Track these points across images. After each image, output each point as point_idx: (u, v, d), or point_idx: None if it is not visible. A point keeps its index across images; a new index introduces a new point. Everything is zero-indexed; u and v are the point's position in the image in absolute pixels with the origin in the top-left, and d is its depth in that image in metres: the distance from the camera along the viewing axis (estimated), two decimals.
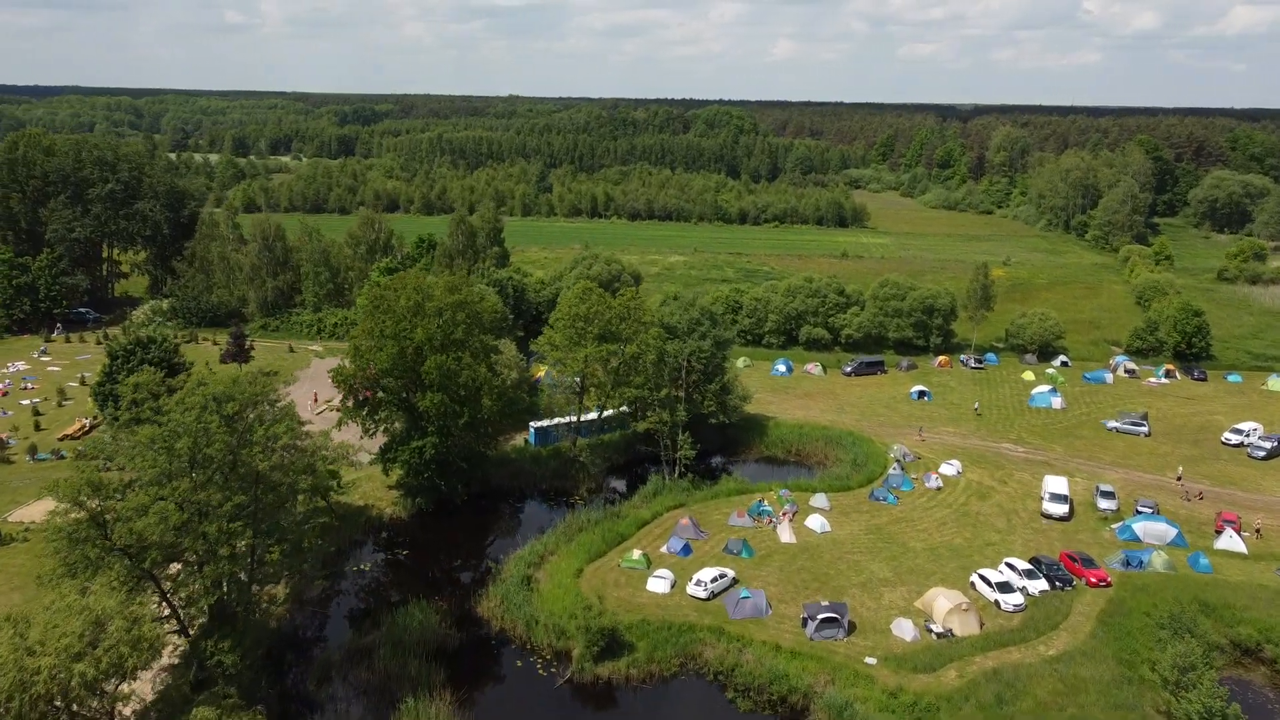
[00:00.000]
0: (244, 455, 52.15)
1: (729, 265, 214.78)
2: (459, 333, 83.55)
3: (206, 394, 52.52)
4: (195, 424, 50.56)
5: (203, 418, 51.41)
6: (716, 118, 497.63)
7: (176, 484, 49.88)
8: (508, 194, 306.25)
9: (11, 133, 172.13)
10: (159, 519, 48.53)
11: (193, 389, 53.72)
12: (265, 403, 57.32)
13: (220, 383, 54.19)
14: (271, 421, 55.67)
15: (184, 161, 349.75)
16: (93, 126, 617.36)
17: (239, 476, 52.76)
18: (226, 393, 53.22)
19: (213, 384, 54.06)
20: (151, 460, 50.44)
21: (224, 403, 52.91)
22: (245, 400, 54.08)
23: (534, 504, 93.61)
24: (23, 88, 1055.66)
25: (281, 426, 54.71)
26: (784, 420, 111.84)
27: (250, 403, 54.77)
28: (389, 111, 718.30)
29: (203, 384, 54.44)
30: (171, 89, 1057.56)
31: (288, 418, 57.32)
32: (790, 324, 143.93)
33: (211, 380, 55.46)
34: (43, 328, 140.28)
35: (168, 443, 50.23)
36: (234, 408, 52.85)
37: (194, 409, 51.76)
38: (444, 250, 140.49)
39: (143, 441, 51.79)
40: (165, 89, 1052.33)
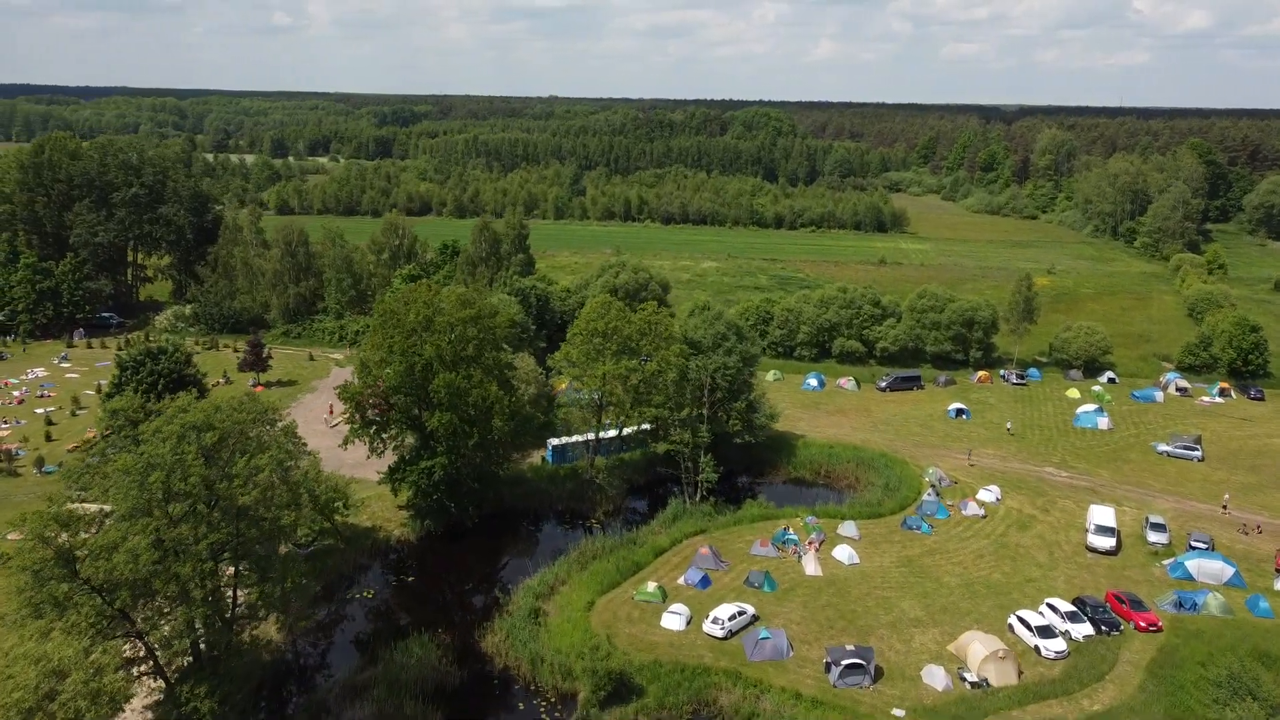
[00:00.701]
0: (222, 489, 48.77)
1: (762, 272, 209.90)
2: (470, 349, 79.95)
3: (184, 423, 49.21)
4: (169, 456, 47.29)
5: (179, 449, 48.13)
6: (755, 119, 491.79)
7: (148, 520, 46.58)
8: (540, 197, 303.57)
9: (39, 136, 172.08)
10: (129, 557, 45.30)
11: (171, 416, 50.45)
12: (254, 428, 53.87)
13: (200, 410, 50.80)
14: (255, 451, 52.14)
15: (220, 163, 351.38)
16: (137, 127, 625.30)
17: (219, 511, 49.43)
18: (207, 421, 49.87)
19: (193, 411, 50.67)
20: (124, 493, 47.28)
21: (203, 432, 49.56)
22: (226, 429, 50.67)
23: (549, 526, 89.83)
24: (74, 88, 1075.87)
25: (264, 458, 51.18)
26: (814, 439, 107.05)
27: (232, 432, 51.30)
28: (427, 113, 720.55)
29: (182, 411, 51.13)
30: (217, 90, 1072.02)
31: (275, 446, 53.78)
32: (823, 336, 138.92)
33: (192, 407, 52.07)
34: (65, 333, 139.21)
35: (140, 476, 46.99)
36: (213, 438, 49.52)
37: (170, 439, 48.49)
38: (466, 258, 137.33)
39: (118, 471, 48.62)
40: (211, 90, 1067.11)
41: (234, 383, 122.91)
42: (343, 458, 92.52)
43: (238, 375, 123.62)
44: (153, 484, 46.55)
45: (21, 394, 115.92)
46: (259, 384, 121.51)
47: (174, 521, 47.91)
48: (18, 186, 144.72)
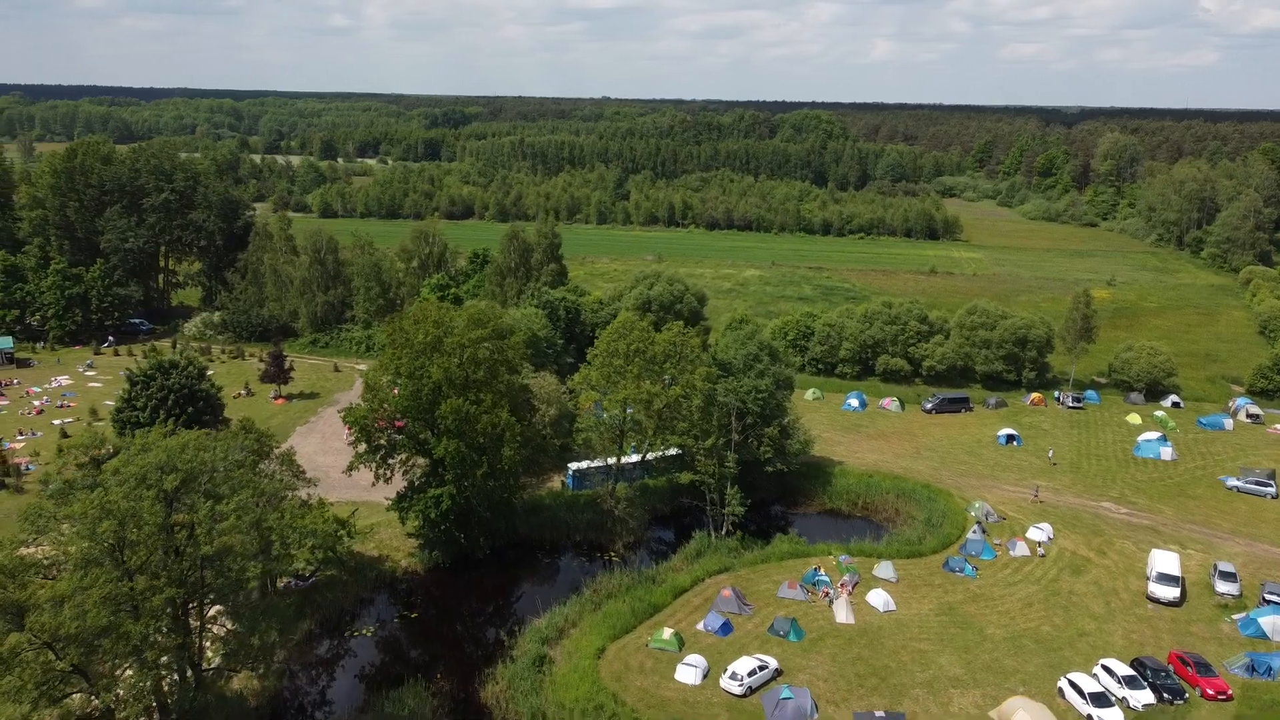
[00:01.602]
0: (180, 539, 44.61)
1: (807, 281, 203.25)
2: (481, 372, 75.37)
3: (144, 464, 45.09)
4: (124, 502, 43.20)
5: (138, 492, 44.04)
6: (804, 122, 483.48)
7: (99, 572, 42.52)
8: (583, 201, 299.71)
9: (73, 140, 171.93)
10: (76, 613, 41.28)
11: (131, 456, 46.38)
12: (226, 467, 49.68)
13: (163, 449, 46.61)
14: (230, 493, 47.88)
15: (267, 165, 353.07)
16: (194, 128, 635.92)
17: (183, 561, 45.26)
18: (170, 462, 45.68)
19: (155, 450, 46.52)
20: (73, 542, 43.33)
21: (166, 473, 45.39)
22: (191, 470, 46.45)
23: (566, 559, 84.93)
24: (137, 89, 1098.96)
25: (232, 503, 46.84)
26: (852, 467, 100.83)
27: (199, 472, 47.09)
28: (477, 114, 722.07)
29: (144, 449, 47.06)
30: (273, 91, 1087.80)
31: (250, 487, 49.49)
32: (866, 353, 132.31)
33: (156, 445, 47.92)
34: (93, 339, 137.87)
35: (91, 524, 42.99)
36: (175, 481, 45.29)
37: (128, 481, 44.42)
38: (496, 268, 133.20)
39: (73, 516, 44.68)
40: (267, 91, 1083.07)
41: (255, 394, 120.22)
42: (356, 478, 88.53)
43: (260, 386, 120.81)
44: (104, 534, 42.52)
45: (42, 403, 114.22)
46: (280, 396, 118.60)
47: (130, 573, 43.83)
48: (50, 191, 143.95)
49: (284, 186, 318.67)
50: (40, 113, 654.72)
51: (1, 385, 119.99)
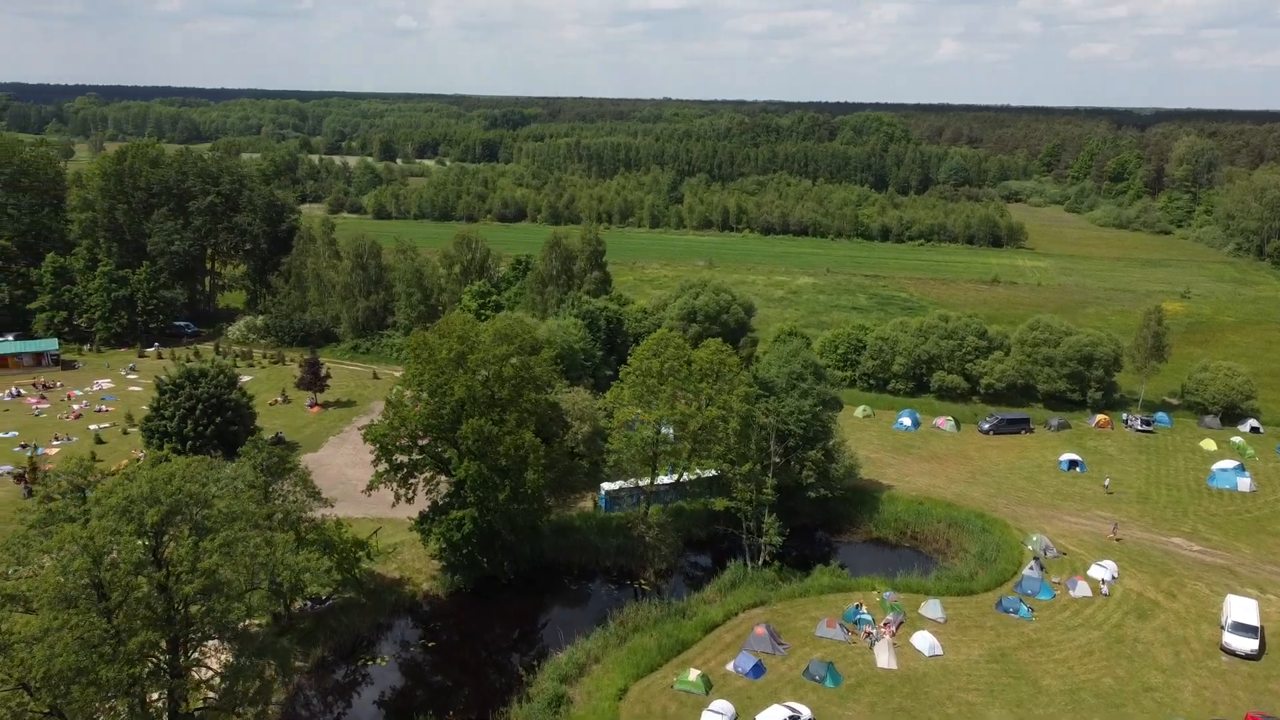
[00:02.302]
0: (159, 578, 41.71)
1: (862, 290, 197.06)
2: (505, 390, 71.96)
3: (126, 495, 42.34)
4: (100, 538, 40.45)
5: (116, 526, 41.28)
6: (865, 124, 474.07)
7: (71, 613, 39.79)
8: (636, 204, 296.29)
9: (122, 143, 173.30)
10: (46, 656, 38.61)
11: (113, 487, 43.69)
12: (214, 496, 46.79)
13: (146, 479, 43.77)
14: (218, 525, 44.96)
15: (325, 166, 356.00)
16: (260, 129, 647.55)
17: (169, 599, 42.40)
18: (153, 493, 42.84)
19: (138, 480, 43.72)
20: (45, 580, 40.70)
21: (149, 506, 42.57)
22: (175, 503, 43.56)
23: (594, 585, 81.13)
24: (207, 90, 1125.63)
25: (217, 540, 43.80)
26: (901, 492, 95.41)
27: (183, 505, 44.19)
28: (536, 115, 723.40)
29: (127, 479, 44.35)
30: (338, 92, 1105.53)
31: (244, 518, 46.52)
32: (921, 369, 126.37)
33: (139, 475, 45.13)
34: (138, 342, 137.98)
35: (64, 561, 40.34)
36: (156, 515, 42.42)
37: (108, 515, 41.68)
38: (536, 275, 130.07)
39: (51, 549, 42.11)
40: (333, 92, 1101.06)
41: (292, 401, 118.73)
42: (383, 493, 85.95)
43: (296, 394, 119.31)
44: (76, 571, 39.85)
45: (81, 408, 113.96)
46: (315, 404, 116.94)
47: (108, 613, 41.09)
48: (100, 193, 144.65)
49: (340, 188, 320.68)
50: (113, 113, 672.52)
51: (44, 387, 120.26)
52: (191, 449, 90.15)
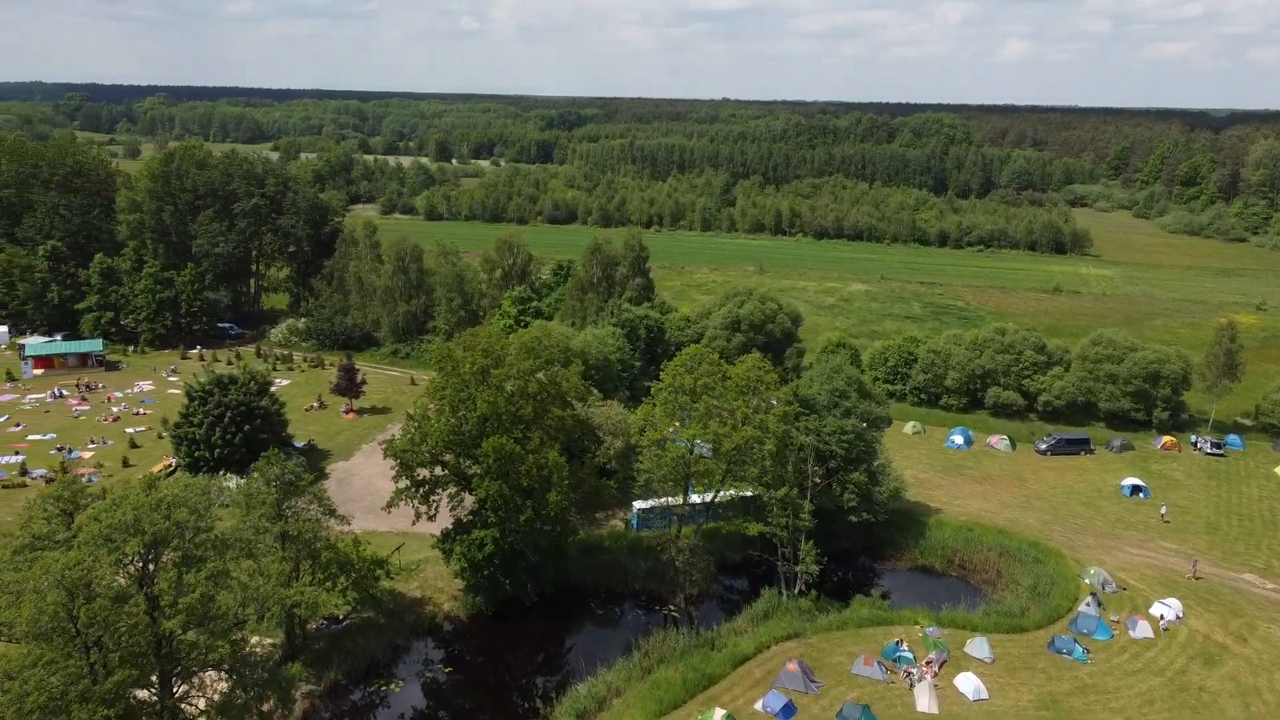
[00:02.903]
0: (138, 614, 39.40)
1: (917, 298, 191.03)
2: (529, 407, 69.05)
3: (110, 524, 40.14)
4: (77, 570, 38.24)
5: (95, 555, 39.08)
6: (925, 125, 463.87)
7: (44, 649, 37.65)
8: (688, 207, 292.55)
9: (172, 144, 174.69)
10: (17, 696, 36.51)
11: (98, 513, 41.54)
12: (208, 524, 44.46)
13: (132, 506, 41.45)
14: (208, 554, 42.61)
15: (379, 166, 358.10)
16: (320, 129, 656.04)
17: (140, 637, 40.13)
18: (137, 521, 40.56)
19: (124, 507, 41.46)
20: (18, 613, 38.62)
21: (131, 535, 40.28)
22: (160, 532, 41.25)
23: (622, 610, 77.68)
24: (273, 90, 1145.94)
25: (204, 571, 41.39)
26: (949, 516, 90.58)
27: (169, 534, 41.88)
28: (593, 116, 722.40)
29: (114, 505, 42.18)
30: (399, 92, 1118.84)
31: (236, 545, 44.12)
32: (975, 384, 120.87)
33: (125, 501, 42.84)
34: (181, 343, 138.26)
35: (40, 593, 38.22)
36: (139, 546, 40.14)
37: (89, 544, 39.52)
38: (577, 282, 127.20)
39: (30, 580, 40.06)
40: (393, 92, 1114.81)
41: (327, 407, 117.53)
42: (405, 509, 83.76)
43: (332, 399, 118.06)
44: (51, 605, 37.70)
45: (119, 410, 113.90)
46: (351, 410, 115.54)
47: (85, 648, 38.92)
48: (148, 194, 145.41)
49: (393, 189, 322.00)
50: (180, 113, 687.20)
51: (87, 388, 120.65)
52: (219, 457, 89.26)
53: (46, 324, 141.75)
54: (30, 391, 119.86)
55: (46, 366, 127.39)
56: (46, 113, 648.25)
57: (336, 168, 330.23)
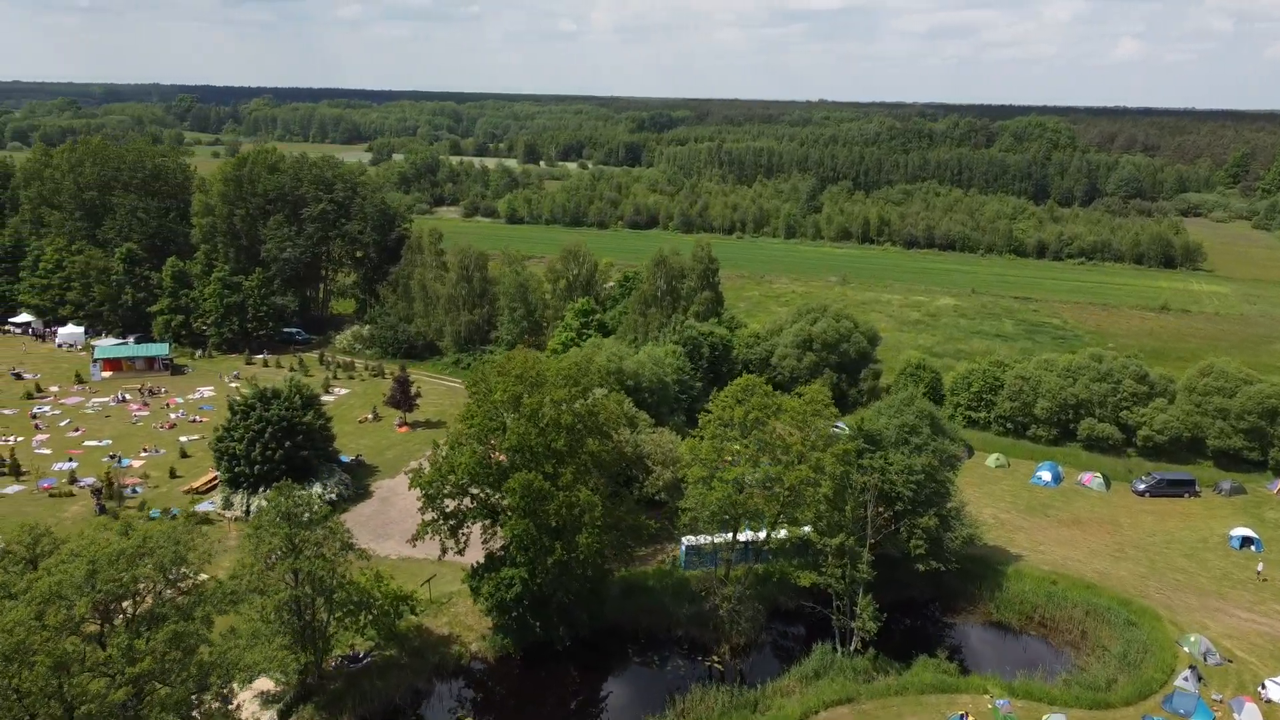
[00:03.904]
0: (81, 684, 35.58)
1: (1009, 314, 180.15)
2: (561, 440, 64.12)
3: (62, 579, 36.51)
4: (17, 632, 34.63)
5: (40, 616, 35.47)
6: (1027, 129, 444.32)
7: None
8: (772, 213, 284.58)
9: (245, 148, 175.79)
10: None
11: (54, 565, 37.99)
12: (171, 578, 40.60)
13: (86, 560, 37.69)
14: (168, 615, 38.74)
15: (465, 168, 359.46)
16: (415, 130, 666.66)
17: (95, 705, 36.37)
18: (91, 577, 36.86)
19: (78, 561, 37.80)
20: None
21: (82, 594, 36.58)
22: (115, 590, 37.48)
23: (661, 658, 71.93)
24: (374, 92, 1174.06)
25: (163, 632, 37.47)
26: (1030, 565, 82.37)
27: (130, 592, 38.10)
28: (684, 118, 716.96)
29: (76, 554, 38.62)
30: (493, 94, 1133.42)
31: (206, 603, 40.20)
32: (1066, 414, 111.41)
33: (87, 550, 39.22)
34: (247, 348, 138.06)
35: None
36: (86, 607, 36.42)
37: (35, 602, 35.97)
38: (640, 296, 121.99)
39: None
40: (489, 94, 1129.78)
41: (381, 419, 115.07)
42: None
43: (387, 411, 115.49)
44: None
45: (177, 417, 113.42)
46: (404, 423, 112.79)
47: (32, 716, 35.35)
48: (220, 199, 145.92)
49: (476, 191, 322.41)
50: (283, 114, 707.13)
51: (149, 393, 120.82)
52: (259, 473, 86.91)
53: (121, 326, 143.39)
54: (96, 395, 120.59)
55: (115, 369, 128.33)
56: (158, 114, 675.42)
57: (422, 170, 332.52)
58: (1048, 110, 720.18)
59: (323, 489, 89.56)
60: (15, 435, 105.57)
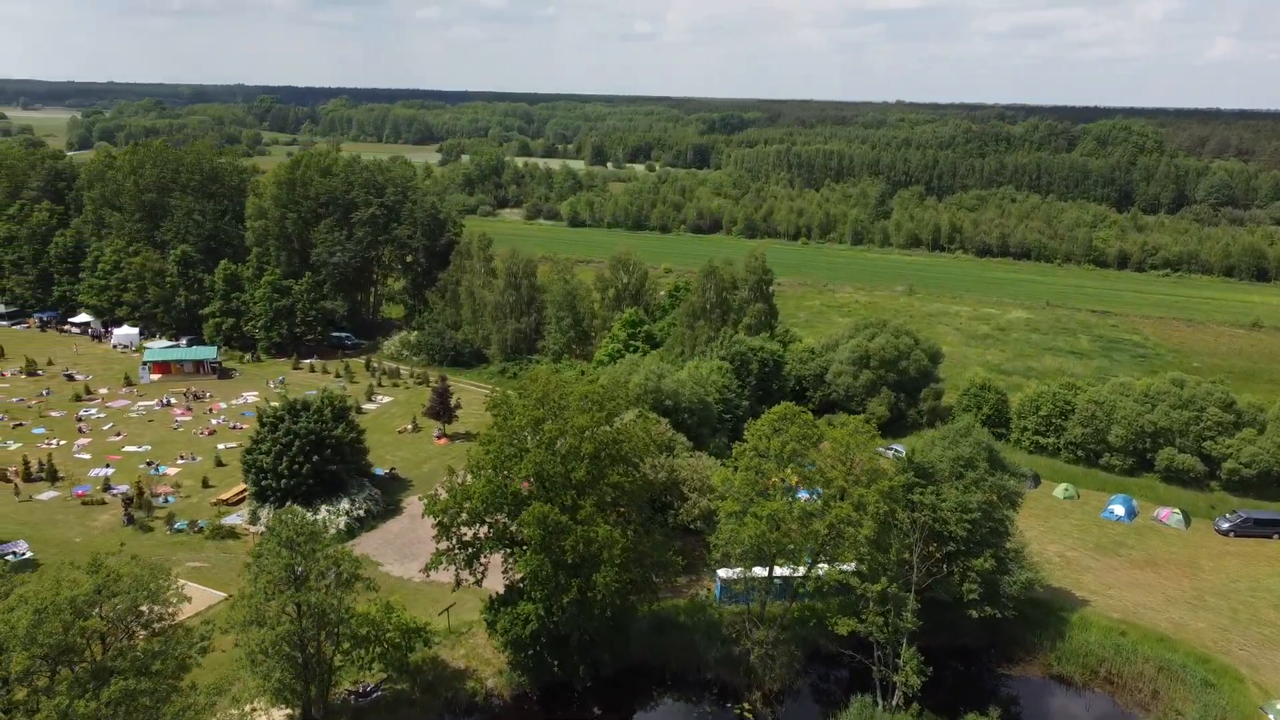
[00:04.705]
0: None
1: (1085, 330, 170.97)
2: (582, 470, 60.05)
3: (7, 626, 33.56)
4: None
5: None
6: (1110, 133, 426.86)
7: None
8: (838, 218, 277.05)
9: (299, 152, 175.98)
10: None
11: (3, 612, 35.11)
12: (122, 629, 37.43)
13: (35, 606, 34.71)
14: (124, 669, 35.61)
15: (529, 170, 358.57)
16: (486, 131, 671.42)
17: None
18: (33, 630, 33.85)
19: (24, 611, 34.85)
20: None
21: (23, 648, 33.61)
22: (59, 643, 34.42)
23: (688, 703, 67.57)
24: (448, 93, 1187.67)
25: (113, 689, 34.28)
26: (1097, 612, 75.72)
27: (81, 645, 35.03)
28: (755, 119, 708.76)
29: (24, 600, 35.73)
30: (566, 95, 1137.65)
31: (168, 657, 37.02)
32: (1144, 442, 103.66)
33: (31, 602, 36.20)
34: (294, 353, 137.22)
35: None
36: (23, 664, 33.45)
37: None
38: (688, 307, 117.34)
39: None
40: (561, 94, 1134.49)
41: (421, 430, 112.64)
42: None
43: (427, 422, 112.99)
44: None
45: (218, 423, 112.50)
46: (443, 435, 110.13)
47: None
48: (273, 201, 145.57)
49: (540, 193, 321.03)
50: (359, 115, 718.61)
51: (193, 397, 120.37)
52: (286, 487, 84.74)
53: (174, 328, 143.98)
54: (143, 398, 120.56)
55: (164, 372, 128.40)
56: (239, 114, 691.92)
57: (486, 171, 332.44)
58: (1134, 113, 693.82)
59: (351, 505, 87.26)
60: (58, 439, 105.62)
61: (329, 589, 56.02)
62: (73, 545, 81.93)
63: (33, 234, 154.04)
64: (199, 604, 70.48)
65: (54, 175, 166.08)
